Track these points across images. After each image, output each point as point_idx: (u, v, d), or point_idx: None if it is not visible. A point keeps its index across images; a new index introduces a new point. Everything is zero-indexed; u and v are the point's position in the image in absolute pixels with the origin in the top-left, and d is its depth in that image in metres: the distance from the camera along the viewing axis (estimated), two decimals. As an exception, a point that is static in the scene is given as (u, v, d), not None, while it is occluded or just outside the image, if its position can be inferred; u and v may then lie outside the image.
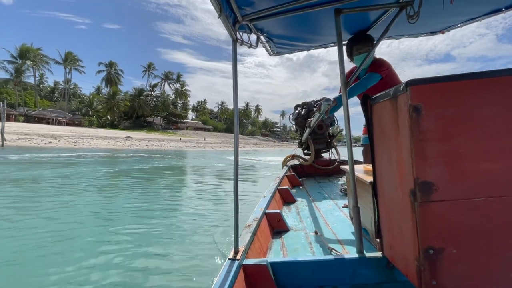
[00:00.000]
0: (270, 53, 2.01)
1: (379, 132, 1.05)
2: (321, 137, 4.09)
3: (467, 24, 1.75)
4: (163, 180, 8.93)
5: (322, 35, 1.82)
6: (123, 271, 2.68)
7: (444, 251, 0.76)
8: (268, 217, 1.86)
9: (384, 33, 1.38)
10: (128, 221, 4.18)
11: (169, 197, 6.32)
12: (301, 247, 1.58)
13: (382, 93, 0.98)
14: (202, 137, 53.84)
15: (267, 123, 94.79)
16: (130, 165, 12.70)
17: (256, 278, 1.14)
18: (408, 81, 0.78)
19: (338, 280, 1.14)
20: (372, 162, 1.12)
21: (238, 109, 1.31)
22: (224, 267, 1.08)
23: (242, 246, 1.23)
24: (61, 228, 3.73)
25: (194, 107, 79.31)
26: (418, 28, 1.77)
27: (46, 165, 10.93)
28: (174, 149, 26.67)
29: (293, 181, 3.53)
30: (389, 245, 1.04)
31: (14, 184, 6.88)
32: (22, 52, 46.84)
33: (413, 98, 0.76)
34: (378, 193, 1.11)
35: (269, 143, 67.06)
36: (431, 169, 0.75)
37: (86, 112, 55.74)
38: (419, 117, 0.75)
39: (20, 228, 3.70)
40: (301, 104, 4.25)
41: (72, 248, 3.12)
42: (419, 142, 0.75)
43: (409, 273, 0.86)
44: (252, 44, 1.54)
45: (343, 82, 1.27)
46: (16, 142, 18.49)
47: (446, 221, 0.76)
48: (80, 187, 6.87)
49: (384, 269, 1.11)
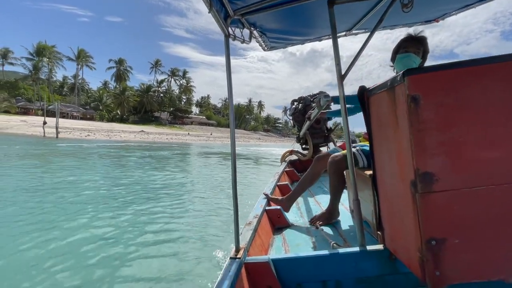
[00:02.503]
0: (264, 48, 1.96)
1: (377, 124, 1.03)
2: (319, 132, 4.07)
3: (462, 11, 1.69)
4: (210, 160, 12.37)
5: (316, 27, 1.79)
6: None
7: (446, 242, 0.75)
8: (269, 214, 1.87)
9: (378, 23, 1.32)
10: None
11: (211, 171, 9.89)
12: (303, 242, 1.58)
13: (378, 84, 0.96)
14: (207, 132, 56.71)
15: (269, 118, 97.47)
16: (172, 151, 16.35)
17: (258, 276, 1.13)
18: (405, 71, 0.76)
19: (341, 274, 1.14)
20: (371, 155, 1.11)
21: (233, 105, 1.29)
22: (226, 266, 1.06)
23: (244, 244, 1.21)
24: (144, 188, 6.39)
25: (198, 102, 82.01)
26: (413, 17, 1.75)
27: (121, 150, 14.41)
28: (192, 142, 29.76)
29: (292, 176, 3.57)
30: (391, 237, 1.03)
31: (117, 160, 10.36)
32: (38, 49, 49.29)
33: (411, 88, 0.74)
34: (378, 186, 1.10)
35: (271, 138, 70.05)
36: (431, 159, 0.74)
37: (96, 106, 58.28)
38: (418, 107, 0.74)
39: (126, 185, 6.61)
40: (298, 99, 4.22)
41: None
42: (418, 132, 0.74)
43: (411, 265, 0.85)
44: (245, 39, 1.49)
45: (339, 74, 1.23)
46: (60, 135, 21.36)
47: (447, 211, 0.75)
48: (154, 165, 10.43)
49: (386, 261, 1.11)
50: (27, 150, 13.04)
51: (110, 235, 3.55)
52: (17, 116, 36.18)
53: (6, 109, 37.90)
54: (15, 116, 35.91)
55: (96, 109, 57.82)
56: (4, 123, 26.25)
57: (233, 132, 1.28)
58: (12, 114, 38.15)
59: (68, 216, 4.18)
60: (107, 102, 58.86)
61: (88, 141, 19.62)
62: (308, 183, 2.02)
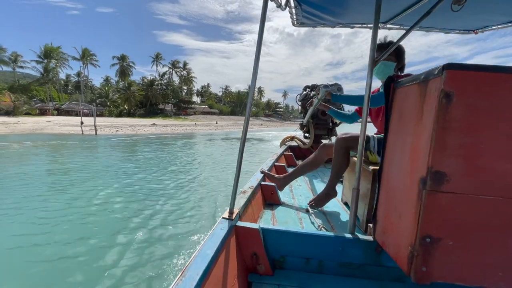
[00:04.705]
0: (294, 22, 1.88)
1: (397, 117, 1.01)
2: (324, 123, 4.09)
3: (505, 27, 1.61)
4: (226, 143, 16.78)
5: (354, 11, 1.68)
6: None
7: (440, 241, 0.76)
8: (263, 189, 1.91)
9: (421, 18, 1.24)
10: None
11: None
12: (291, 220, 1.62)
13: (410, 76, 0.94)
14: (212, 121, 59.46)
15: (270, 103, 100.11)
16: (200, 138, 20.25)
17: (246, 241, 1.16)
18: (445, 64, 0.72)
19: (326, 255, 1.16)
20: (383, 147, 1.10)
21: (257, 69, 1.19)
22: (218, 224, 1.10)
23: (237, 209, 1.25)
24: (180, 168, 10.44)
25: (198, 92, 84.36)
26: (452, 23, 1.68)
27: (156, 141, 17.95)
28: (204, 131, 33.19)
29: (290, 161, 3.61)
30: (383, 230, 1.04)
31: (154, 149, 14.01)
32: (46, 52, 51.49)
33: (447, 83, 0.72)
34: (382, 178, 1.09)
35: (273, 123, 72.84)
36: (448, 159, 0.74)
37: (103, 102, 60.86)
38: (449, 104, 0.72)
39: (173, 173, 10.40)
40: (311, 86, 4.23)
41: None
42: (442, 130, 0.73)
43: (398, 258, 0.88)
44: (281, 4, 1.42)
45: (372, 60, 1.20)
46: (92, 131, 24.51)
47: (449, 213, 0.75)
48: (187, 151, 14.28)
49: (372, 252, 1.13)
50: (94, 144, 16.39)
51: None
52: (38, 117, 38.81)
53: (27, 111, 40.71)
54: (38, 117, 38.65)
55: (103, 105, 60.35)
56: (35, 124, 29.17)
57: (251, 97, 1.24)
58: (33, 115, 40.96)
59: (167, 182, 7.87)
60: (113, 98, 61.42)
61: (125, 136, 22.76)
62: (308, 168, 2.02)
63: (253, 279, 1.14)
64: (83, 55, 59.34)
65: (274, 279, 1.14)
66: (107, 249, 3.60)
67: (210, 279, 0.85)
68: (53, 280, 2.96)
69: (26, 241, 3.80)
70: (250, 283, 1.13)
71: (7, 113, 37.56)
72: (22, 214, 4.80)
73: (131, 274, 3.06)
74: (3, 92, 39.05)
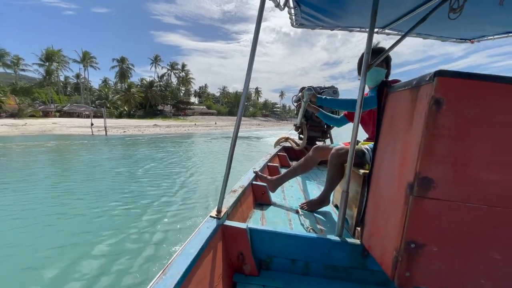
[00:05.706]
0: (293, 23, 1.88)
1: (388, 122, 1.02)
2: (318, 125, 4.09)
3: (502, 37, 1.62)
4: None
5: (353, 14, 1.68)
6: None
7: (425, 247, 0.77)
8: (254, 188, 1.89)
9: (418, 23, 1.24)
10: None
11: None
12: (281, 221, 1.61)
13: (403, 82, 0.95)
14: (210, 121, 60.70)
15: (267, 104, 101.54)
16: (204, 137, 22.28)
17: (233, 240, 1.15)
18: (437, 71, 0.73)
19: (312, 257, 1.16)
20: (373, 151, 1.10)
21: (252, 66, 1.20)
22: (204, 223, 1.08)
23: (225, 208, 1.24)
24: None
25: (196, 92, 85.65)
26: (449, 31, 1.69)
27: (167, 140, 19.71)
28: (205, 131, 34.76)
29: (283, 162, 3.64)
30: (370, 234, 1.04)
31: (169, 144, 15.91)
32: (48, 55, 52.58)
33: (438, 90, 0.72)
34: (371, 183, 1.10)
35: (270, 123, 74.43)
36: (435, 166, 0.74)
37: (103, 104, 61.86)
38: (439, 111, 0.72)
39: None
40: (307, 88, 3.70)
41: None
42: (431, 137, 0.73)
43: (383, 262, 0.88)
44: (280, 4, 1.43)
45: (366, 63, 1.21)
46: (100, 132, 25.83)
47: (435, 219, 0.76)
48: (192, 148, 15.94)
49: (358, 255, 1.13)
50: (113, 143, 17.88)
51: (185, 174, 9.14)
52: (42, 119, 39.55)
53: (32, 113, 41.74)
54: (42, 119, 39.54)
55: (102, 106, 61.21)
56: (42, 126, 30.16)
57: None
58: (37, 117, 41.98)
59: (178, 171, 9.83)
60: (113, 99, 62.41)
61: (134, 136, 24.08)
62: (301, 170, 2.02)
63: (238, 279, 1.14)
64: (83, 58, 60.47)
65: (259, 280, 1.14)
66: (126, 240, 3.95)
67: (192, 278, 0.85)
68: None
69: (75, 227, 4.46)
70: (235, 283, 1.12)
71: (12, 115, 38.56)
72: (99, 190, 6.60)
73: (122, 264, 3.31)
74: (7, 95, 40.07)
